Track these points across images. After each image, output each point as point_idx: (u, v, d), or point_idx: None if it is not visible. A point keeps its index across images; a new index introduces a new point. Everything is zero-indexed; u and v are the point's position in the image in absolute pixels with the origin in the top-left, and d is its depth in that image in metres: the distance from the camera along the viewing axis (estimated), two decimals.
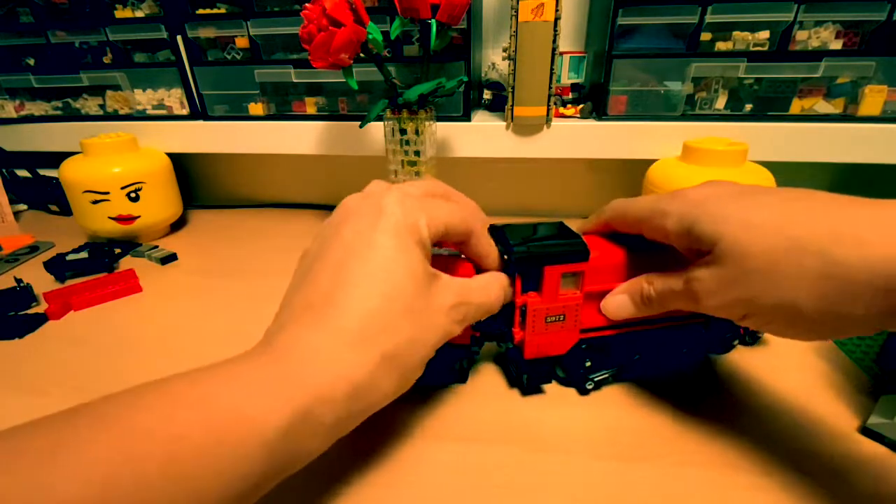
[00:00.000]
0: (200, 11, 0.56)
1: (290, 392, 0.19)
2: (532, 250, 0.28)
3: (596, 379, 0.31)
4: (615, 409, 0.31)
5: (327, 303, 0.22)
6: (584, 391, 0.32)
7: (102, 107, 0.65)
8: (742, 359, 0.35)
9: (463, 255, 0.32)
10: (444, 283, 0.25)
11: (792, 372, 0.33)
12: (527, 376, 0.31)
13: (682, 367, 0.33)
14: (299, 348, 0.21)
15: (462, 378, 0.33)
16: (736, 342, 0.34)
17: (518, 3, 0.48)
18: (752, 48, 0.50)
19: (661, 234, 0.26)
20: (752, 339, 0.36)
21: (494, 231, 0.30)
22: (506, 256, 0.29)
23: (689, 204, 0.25)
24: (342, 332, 0.21)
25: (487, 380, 0.33)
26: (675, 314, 0.28)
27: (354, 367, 0.21)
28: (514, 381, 0.33)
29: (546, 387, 0.32)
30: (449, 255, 0.31)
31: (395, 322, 0.22)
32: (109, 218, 0.55)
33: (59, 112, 0.66)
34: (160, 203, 0.58)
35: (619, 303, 0.29)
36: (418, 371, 0.23)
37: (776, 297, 0.21)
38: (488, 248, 0.28)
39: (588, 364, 0.31)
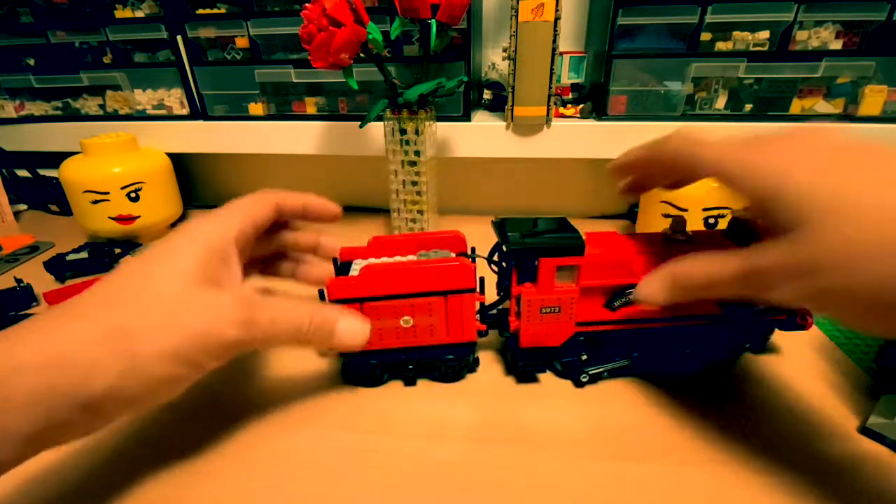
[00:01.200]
0: (200, 11, 0.56)
1: None
2: (527, 242, 0.28)
3: (591, 372, 0.32)
4: (615, 408, 0.31)
5: (85, 292, 0.22)
6: (579, 384, 0.32)
7: (102, 107, 0.65)
8: (742, 358, 0.34)
9: (454, 254, 0.32)
10: (230, 289, 0.25)
11: (792, 372, 0.33)
12: (521, 364, 0.32)
13: (685, 370, 0.33)
14: (24, 323, 0.21)
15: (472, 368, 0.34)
16: (748, 345, 0.34)
17: (518, 3, 0.48)
18: (752, 48, 0.50)
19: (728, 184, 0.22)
20: (760, 345, 0.35)
21: (496, 223, 0.31)
22: (504, 247, 0.30)
23: (773, 166, 0.20)
24: (72, 306, 0.21)
25: (487, 379, 0.33)
26: (689, 309, 0.29)
27: (63, 335, 0.20)
28: (511, 368, 0.34)
29: (545, 386, 0.33)
30: (437, 255, 0.32)
31: (135, 302, 0.22)
32: (109, 218, 0.55)
33: (59, 112, 0.66)
34: (160, 203, 0.58)
35: (652, 287, 0.25)
36: (163, 362, 0.21)
37: (884, 296, 0.17)
38: (297, 200, 0.32)
39: (584, 357, 0.32)
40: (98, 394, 0.20)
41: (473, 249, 0.33)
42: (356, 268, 0.32)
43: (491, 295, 0.35)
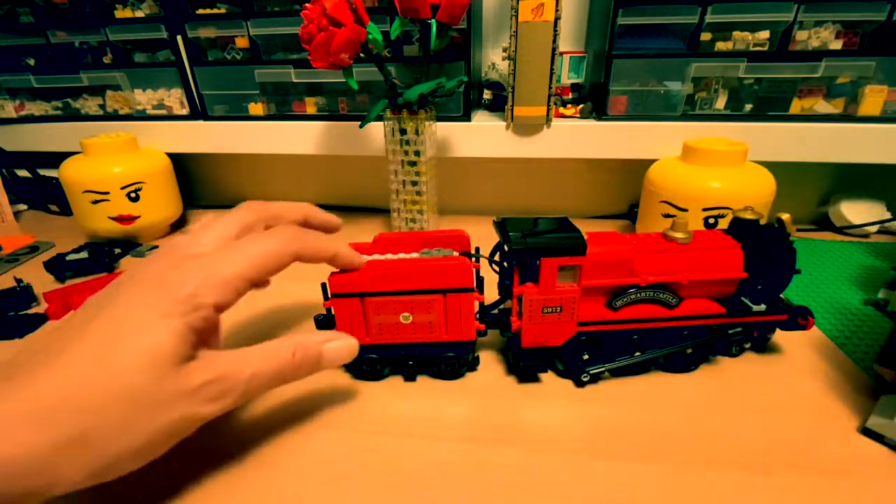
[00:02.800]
0: (200, 11, 0.56)
1: None
2: (529, 242, 0.28)
3: (592, 372, 0.32)
4: (616, 408, 0.31)
5: (29, 371, 0.20)
6: (580, 383, 0.32)
7: (102, 107, 0.65)
8: (742, 358, 0.35)
9: (457, 253, 0.32)
10: (200, 363, 0.22)
11: (792, 372, 0.33)
12: (523, 363, 0.32)
13: (686, 369, 0.33)
14: None
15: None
16: (748, 345, 0.34)
17: (518, 3, 0.48)
18: (752, 48, 0.50)
19: None
20: (761, 346, 0.35)
21: (498, 223, 0.31)
22: (505, 247, 0.30)
23: None
24: (23, 404, 0.19)
25: (489, 379, 0.33)
26: (691, 309, 0.29)
27: (19, 445, 0.18)
28: (512, 367, 0.34)
29: (545, 385, 0.33)
30: (439, 254, 0.32)
31: (101, 405, 0.19)
32: (109, 218, 0.55)
33: (59, 112, 0.66)
34: (160, 203, 0.58)
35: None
36: (127, 463, 0.21)
37: None
38: (324, 254, 0.27)
39: (586, 357, 0.32)
40: (61, 492, 0.19)
41: (478, 249, 0.34)
42: None
43: (492, 295, 0.35)
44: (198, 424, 0.22)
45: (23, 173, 0.69)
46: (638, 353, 0.32)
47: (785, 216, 0.31)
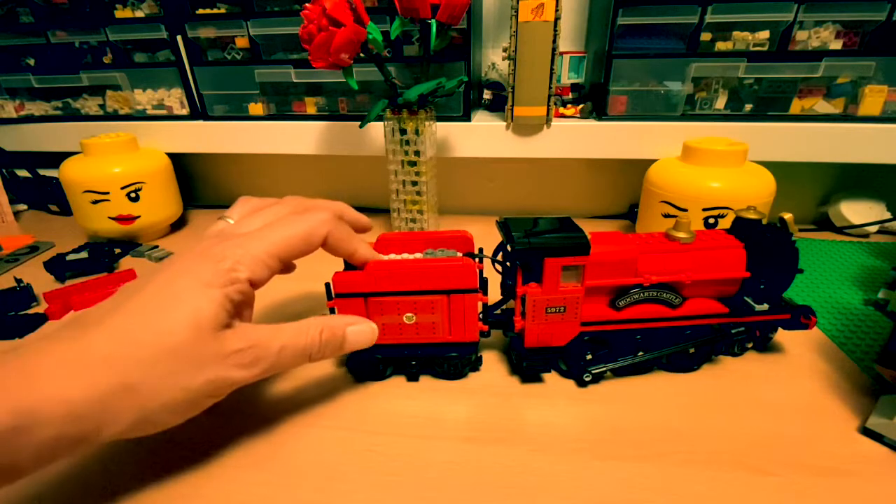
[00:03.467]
0: (200, 11, 0.56)
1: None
2: (533, 242, 0.28)
3: (594, 371, 0.32)
4: (617, 408, 0.31)
5: (94, 323, 0.22)
6: (582, 383, 0.32)
7: (102, 107, 0.65)
8: (743, 358, 0.35)
9: (461, 254, 0.32)
10: (236, 331, 0.24)
11: (793, 372, 0.33)
12: (526, 363, 0.32)
13: (688, 368, 0.33)
14: (36, 359, 0.20)
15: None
16: (750, 344, 0.34)
17: (518, 3, 0.48)
18: (752, 48, 0.50)
19: None
20: (763, 346, 0.35)
21: (501, 224, 0.31)
22: (508, 247, 0.30)
23: None
24: (86, 351, 0.21)
25: (492, 379, 0.33)
26: (693, 309, 0.29)
27: (81, 389, 0.20)
28: (515, 368, 0.34)
29: (548, 385, 0.33)
30: (443, 255, 0.32)
31: (149, 359, 0.21)
32: (109, 218, 0.55)
33: (59, 112, 0.66)
34: (160, 203, 0.58)
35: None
36: (167, 416, 0.23)
37: None
38: (348, 246, 0.29)
39: (589, 357, 0.32)
40: (106, 439, 0.21)
41: (481, 250, 0.34)
42: None
43: (496, 295, 0.35)
44: (229, 389, 0.24)
45: (23, 173, 0.69)
46: (641, 353, 0.32)
47: (787, 216, 0.31)
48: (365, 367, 0.33)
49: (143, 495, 0.25)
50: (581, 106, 0.57)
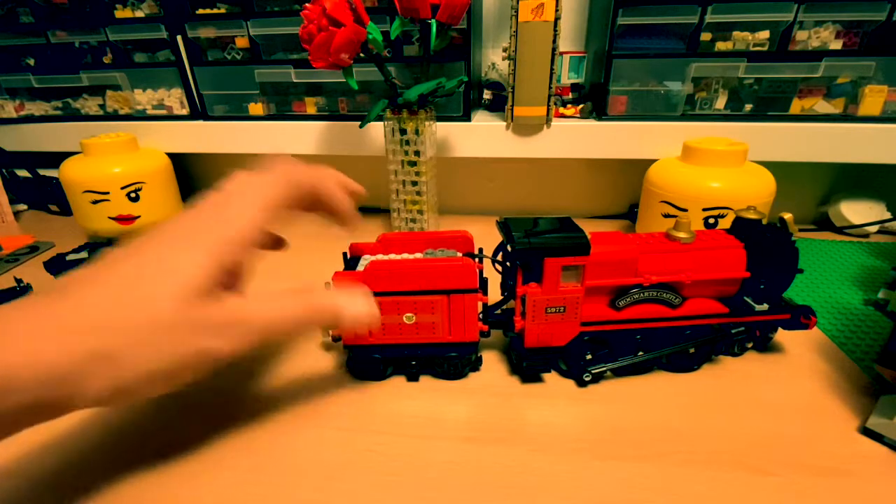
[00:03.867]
0: (200, 11, 0.56)
1: None
2: (533, 242, 0.28)
3: (594, 371, 0.32)
4: (617, 408, 0.31)
5: (75, 288, 0.21)
6: (582, 383, 0.32)
7: (102, 107, 0.65)
8: (743, 358, 0.35)
9: (461, 254, 0.32)
10: (221, 304, 0.23)
11: (793, 372, 0.33)
12: (526, 363, 0.32)
13: (688, 368, 0.33)
14: (11, 322, 0.20)
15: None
16: (750, 344, 0.35)
17: (518, 3, 0.48)
18: (752, 48, 0.50)
19: None
20: (763, 346, 0.36)
21: (501, 224, 0.31)
22: (509, 247, 0.30)
23: None
24: (63, 316, 0.20)
25: (492, 379, 0.33)
26: (693, 308, 0.29)
27: (55, 353, 0.19)
28: (515, 368, 0.34)
29: (547, 385, 0.33)
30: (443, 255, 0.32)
31: (129, 327, 0.21)
32: (109, 218, 0.55)
33: (59, 112, 0.66)
34: (160, 203, 0.58)
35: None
36: (144, 386, 0.22)
37: None
38: (309, 180, 0.28)
39: (589, 357, 0.32)
40: (80, 405, 0.21)
41: (481, 250, 0.34)
42: (363, 263, 0.33)
43: (496, 295, 0.35)
44: (213, 362, 0.23)
45: (23, 173, 0.69)
46: (641, 353, 0.32)
47: (787, 216, 0.31)
48: (365, 367, 0.33)
49: (144, 495, 0.25)
50: (581, 106, 0.57)
